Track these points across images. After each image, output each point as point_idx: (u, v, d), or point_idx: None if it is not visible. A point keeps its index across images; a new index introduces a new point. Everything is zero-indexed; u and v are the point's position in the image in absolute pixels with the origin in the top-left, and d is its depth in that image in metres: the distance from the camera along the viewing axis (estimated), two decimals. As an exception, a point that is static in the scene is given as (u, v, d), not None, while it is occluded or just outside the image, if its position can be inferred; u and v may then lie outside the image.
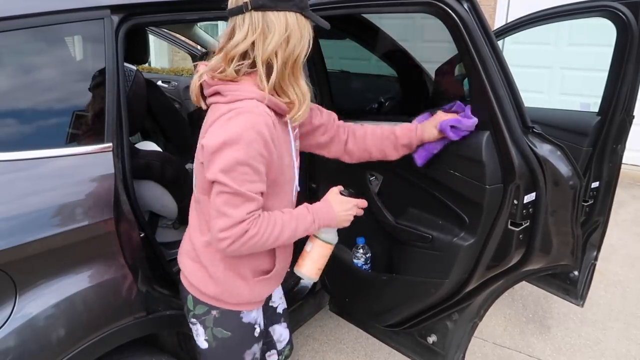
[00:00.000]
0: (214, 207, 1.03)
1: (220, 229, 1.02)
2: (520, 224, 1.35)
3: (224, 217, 1.02)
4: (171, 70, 6.03)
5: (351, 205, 1.22)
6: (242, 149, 0.99)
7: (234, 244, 1.03)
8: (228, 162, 0.99)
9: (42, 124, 1.26)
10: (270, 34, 1.01)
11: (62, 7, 1.25)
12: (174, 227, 2.04)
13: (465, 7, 1.24)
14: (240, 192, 1.01)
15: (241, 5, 1.01)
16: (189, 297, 1.23)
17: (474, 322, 1.66)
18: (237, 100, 1.03)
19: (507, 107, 1.27)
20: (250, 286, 1.20)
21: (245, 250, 1.06)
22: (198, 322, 1.24)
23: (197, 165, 1.12)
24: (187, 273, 1.22)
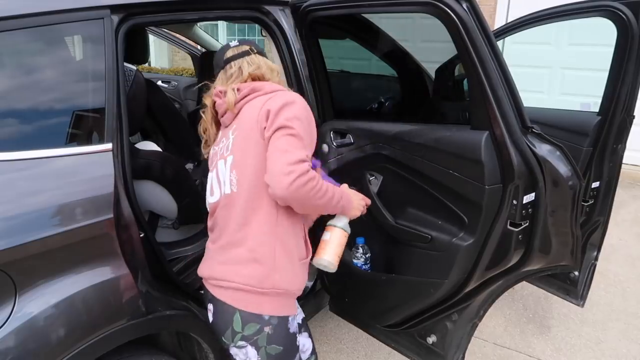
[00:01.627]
0: (277, 148, 1.14)
1: (288, 162, 1.10)
2: (519, 224, 1.35)
3: (289, 153, 1.12)
4: (171, 70, 6.04)
5: (361, 198, 1.39)
6: (301, 109, 1.21)
7: (298, 179, 1.09)
8: (292, 113, 1.17)
9: (42, 124, 1.26)
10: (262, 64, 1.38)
11: (62, 7, 1.25)
12: (174, 227, 2.04)
13: (464, 7, 1.24)
14: (301, 135, 1.15)
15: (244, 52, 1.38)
16: (236, 317, 1.19)
17: (474, 322, 1.65)
18: (272, 90, 1.27)
19: (506, 107, 1.27)
20: (296, 271, 1.24)
21: (303, 192, 1.10)
22: (249, 344, 1.19)
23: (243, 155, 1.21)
24: (236, 277, 1.20)
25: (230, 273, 1.21)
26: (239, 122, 1.27)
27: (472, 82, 1.33)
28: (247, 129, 1.23)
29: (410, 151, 1.53)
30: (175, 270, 1.68)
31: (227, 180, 1.24)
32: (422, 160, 1.49)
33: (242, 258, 1.20)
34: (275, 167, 1.12)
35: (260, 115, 1.19)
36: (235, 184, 1.22)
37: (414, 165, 1.53)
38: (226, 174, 1.24)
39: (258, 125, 1.20)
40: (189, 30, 3.19)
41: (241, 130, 1.25)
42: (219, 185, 1.27)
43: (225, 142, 1.29)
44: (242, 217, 1.20)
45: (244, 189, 1.20)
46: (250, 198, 1.20)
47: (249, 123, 1.23)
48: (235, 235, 1.22)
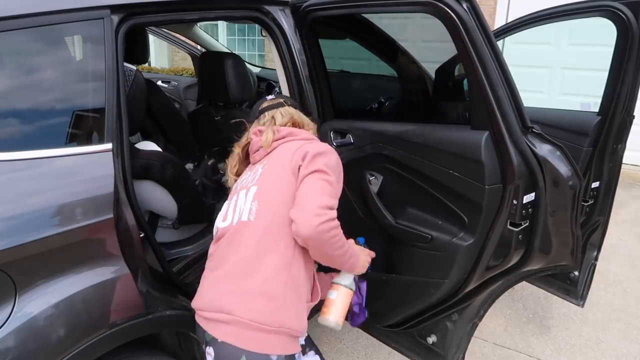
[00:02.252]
0: (312, 189, 1.16)
1: (320, 205, 1.12)
2: (519, 224, 1.35)
3: (322, 197, 1.14)
4: (171, 70, 6.04)
5: (367, 254, 1.41)
6: (336, 160, 1.27)
7: (326, 224, 1.10)
8: (328, 162, 1.22)
9: (42, 124, 1.26)
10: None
11: (62, 7, 1.25)
12: (174, 227, 2.03)
13: (464, 7, 1.24)
14: (335, 184, 1.19)
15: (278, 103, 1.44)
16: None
17: (474, 322, 1.65)
18: (307, 138, 1.34)
19: (506, 107, 1.27)
20: (302, 312, 1.20)
21: (327, 238, 1.12)
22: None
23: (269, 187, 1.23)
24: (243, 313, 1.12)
25: (236, 305, 1.13)
26: (270, 159, 1.31)
27: (472, 82, 1.33)
28: (279, 165, 1.26)
29: (410, 151, 1.53)
30: (175, 270, 1.68)
31: (245, 208, 1.22)
32: (422, 160, 1.49)
33: (251, 290, 1.14)
34: (308, 205, 1.12)
35: (297, 154, 1.24)
36: (254, 213, 1.20)
37: (414, 165, 1.53)
38: (246, 203, 1.23)
39: (292, 163, 1.22)
40: (189, 30, 3.19)
41: (272, 166, 1.28)
42: (233, 212, 1.26)
43: (252, 175, 1.31)
44: (257, 248, 1.17)
45: (264, 220, 1.19)
46: (270, 231, 1.18)
47: (282, 160, 1.27)
48: (246, 265, 1.16)
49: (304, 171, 1.19)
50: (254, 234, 1.18)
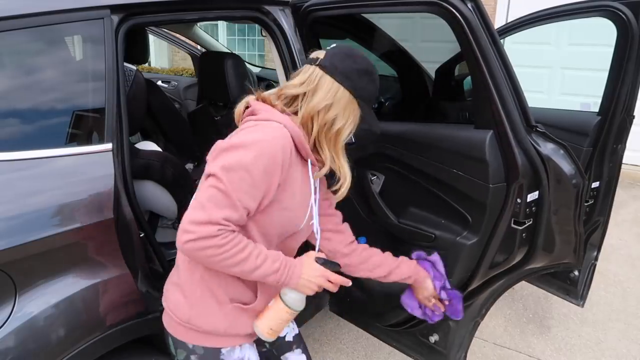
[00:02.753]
0: (198, 198, 1.00)
1: (191, 220, 0.97)
2: (523, 222, 1.35)
3: (201, 210, 0.97)
4: (171, 70, 6.04)
5: (319, 274, 1.13)
6: (250, 155, 0.99)
7: (195, 242, 0.96)
8: (231, 161, 0.99)
9: (42, 124, 1.26)
10: (317, 93, 1.07)
11: (62, 7, 1.25)
12: (174, 227, 2.03)
13: (469, 7, 1.24)
14: (229, 194, 0.97)
15: (314, 58, 1.10)
16: (170, 340, 1.17)
17: (476, 321, 1.65)
18: (266, 119, 1.06)
19: (510, 106, 1.27)
20: (225, 313, 1.12)
21: (201, 256, 0.98)
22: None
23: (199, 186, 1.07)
24: (166, 300, 1.16)
25: (166, 292, 1.19)
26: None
27: (477, 82, 1.33)
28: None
29: (413, 150, 1.53)
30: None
31: None
32: (425, 160, 1.49)
33: (173, 281, 1.17)
34: (183, 218, 0.99)
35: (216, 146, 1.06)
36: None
37: (416, 164, 1.52)
38: None
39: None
40: (189, 30, 3.19)
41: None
42: None
43: None
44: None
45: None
46: None
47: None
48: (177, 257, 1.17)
49: (206, 169, 1.04)
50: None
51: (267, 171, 1.00)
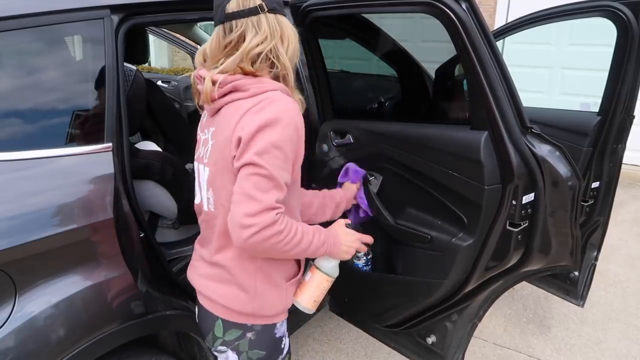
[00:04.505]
0: (241, 191, 0.96)
1: (247, 213, 0.94)
2: (518, 224, 1.35)
3: (252, 201, 0.94)
4: (171, 70, 6.04)
5: (355, 238, 1.22)
6: (277, 132, 0.97)
7: (258, 234, 0.94)
8: (263, 145, 0.97)
9: (42, 124, 1.26)
10: (287, 37, 1.06)
11: (62, 7, 1.25)
12: (174, 227, 2.04)
13: (463, 7, 1.24)
14: (273, 175, 0.96)
15: (254, 7, 1.03)
16: (218, 323, 1.15)
17: (474, 322, 1.66)
18: (261, 92, 1.02)
19: (505, 107, 1.27)
20: (282, 293, 1.16)
21: (265, 247, 0.97)
22: (229, 349, 1.15)
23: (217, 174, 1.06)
24: (217, 297, 1.14)
25: (211, 290, 1.15)
26: (218, 125, 1.08)
27: (472, 82, 1.33)
28: (223, 146, 1.04)
29: (410, 151, 1.53)
30: (175, 270, 1.68)
31: (205, 194, 1.13)
32: (422, 160, 1.49)
33: (224, 279, 1.13)
34: (235, 215, 0.96)
35: (234, 137, 1.00)
36: (213, 204, 1.10)
37: (413, 165, 1.53)
38: (204, 187, 1.13)
39: (230, 149, 1.02)
40: (189, 30, 3.19)
41: (218, 142, 1.06)
42: (199, 189, 1.17)
43: (206, 142, 1.12)
44: (220, 241, 1.10)
45: (220, 212, 1.08)
46: (223, 224, 1.07)
47: (225, 139, 1.04)
48: (215, 256, 1.13)
49: (236, 164, 0.99)
50: (217, 227, 1.12)
51: (293, 141, 1.01)
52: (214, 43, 1.07)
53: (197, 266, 1.23)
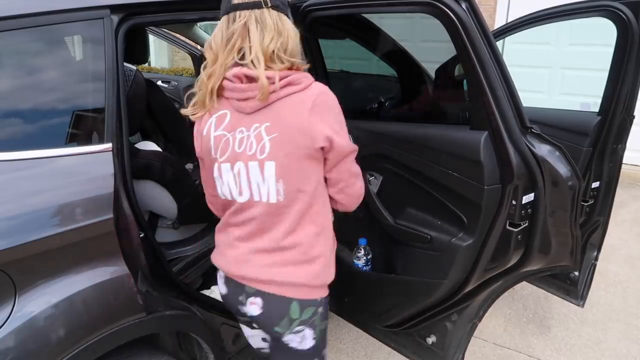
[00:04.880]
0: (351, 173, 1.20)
1: (362, 186, 1.24)
2: (518, 224, 1.35)
3: (360, 178, 1.24)
4: (171, 70, 6.04)
5: None
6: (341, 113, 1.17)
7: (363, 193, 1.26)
8: (345, 130, 1.18)
9: (42, 124, 1.26)
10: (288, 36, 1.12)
11: (61, 7, 1.25)
12: (174, 227, 2.03)
13: (463, 7, 1.24)
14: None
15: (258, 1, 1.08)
16: (293, 305, 1.17)
17: (473, 322, 1.66)
18: (310, 84, 1.11)
19: (505, 108, 1.27)
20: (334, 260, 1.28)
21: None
22: (306, 326, 1.20)
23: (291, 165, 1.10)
24: (292, 278, 1.16)
25: (283, 274, 1.17)
26: (274, 120, 1.09)
27: (471, 82, 1.33)
28: (292, 138, 1.09)
29: (410, 151, 1.53)
30: (175, 270, 1.68)
31: (270, 188, 1.12)
32: (422, 160, 1.49)
33: (297, 260, 1.16)
34: (356, 191, 1.23)
35: (316, 131, 1.07)
36: (283, 194, 1.12)
37: (413, 165, 1.53)
38: (269, 182, 1.12)
39: (311, 142, 1.08)
40: (189, 30, 3.19)
41: (283, 135, 1.09)
42: (249, 186, 1.14)
43: (250, 139, 1.11)
44: (292, 225, 1.15)
45: (296, 198, 1.13)
46: (302, 208, 1.14)
47: (292, 130, 1.08)
48: (285, 240, 1.16)
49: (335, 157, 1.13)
50: (289, 214, 1.15)
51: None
52: (217, 35, 1.11)
53: (254, 259, 1.18)
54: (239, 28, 1.07)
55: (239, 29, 1.07)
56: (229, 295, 1.26)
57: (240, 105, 1.11)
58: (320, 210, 1.18)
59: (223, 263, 1.24)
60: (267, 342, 1.34)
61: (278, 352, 1.27)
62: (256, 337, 1.35)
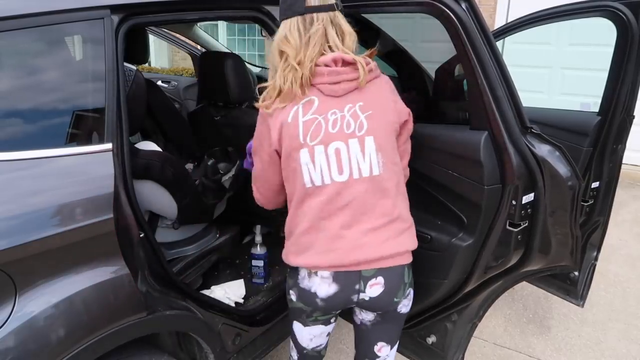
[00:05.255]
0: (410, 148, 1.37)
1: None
2: (518, 224, 1.35)
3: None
4: (171, 70, 6.04)
5: None
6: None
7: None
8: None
9: (41, 124, 1.26)
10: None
11: (62, 7, 1.25)
12: (174, 227, 2.03)
13: (463, 7, 1.24)
14: None
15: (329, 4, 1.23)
16: (405, 271, 1.28)
17: (473, 322, 1.66)
18: (381, 73, 1.29)
19: (505, 108, 1.27)
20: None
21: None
22: (411, 288, 1.33)
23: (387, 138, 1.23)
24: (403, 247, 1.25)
25: (398, 245, 1.24)
26: (365, 100, 1.20)
27: (471, 82, 1.33)
28: (384, 114, 1.23)
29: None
30: (175, 270, 1.68)
31: (372, 161, 1.20)
32: (422, 160, 1.49)
33: (403, 228, 1.26)
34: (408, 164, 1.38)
35: (399, 107, 1.27)
36: (382, 166, 1.21)
37: (413, 165, 1.53)
38: (370, 155, 1.20)
39: (398, 116, 1.26)
40: (189, 30, 3.19)
41: (377, 112, 1.21)
42: (349, 163, 1.19)
43: (346, 119, 1.19)
44: (394, 196, 1.24)
45: (391, 170, 1.24)
46: (398, 180, 1.27)
47: (383, 107, 1.23)
48: (394, 212, 1.24)
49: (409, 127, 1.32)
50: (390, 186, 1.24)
51: None
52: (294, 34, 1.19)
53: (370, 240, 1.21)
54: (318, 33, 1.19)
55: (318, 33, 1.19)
56: (340, 292, 1.24)
57: (333, 88, 1.19)
58: (403, 181, 1.31)
59: (330, 259, 1.21)
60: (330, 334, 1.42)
61: (382, 324, 1.35)
62: (324, 333, 1.40)
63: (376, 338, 1.38)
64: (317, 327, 1.37)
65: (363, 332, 1.40)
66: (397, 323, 1.38)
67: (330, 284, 1.23)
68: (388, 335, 1.38)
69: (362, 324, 1.39)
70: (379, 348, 1.39)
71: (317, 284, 1.23)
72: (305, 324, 1.35)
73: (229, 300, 1.86)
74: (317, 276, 1.23)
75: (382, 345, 1.39)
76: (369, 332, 1.38)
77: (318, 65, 1.18)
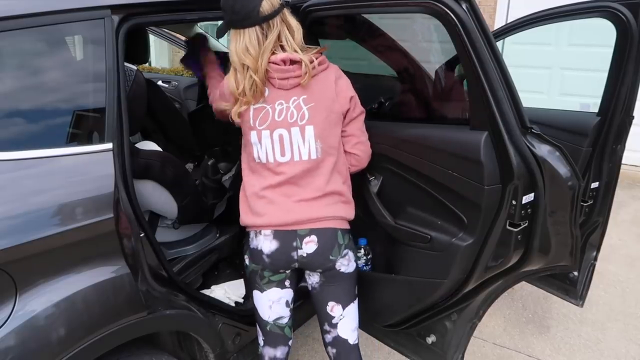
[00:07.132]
0: (361, 130, 1.50)
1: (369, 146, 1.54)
2: (518, 224, 1.35)
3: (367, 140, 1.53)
4: (171, 70, 6.03)
5: None
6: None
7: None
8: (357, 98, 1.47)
9: (42, 123, 1.26)
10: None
11: (62, 7, 1.25)
12: (174, 227, 2.03)
13: (463, 8, 1.24)
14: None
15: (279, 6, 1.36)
16: (339, 234, 1.43)
17: (473, 322, 1.66)
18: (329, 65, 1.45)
19: (505, 108, 1.27)
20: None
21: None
22: (349, 250, 1.48)
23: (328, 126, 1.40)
24: (337, 213, 1.43)
25: (330, 211, 1.42)
26: (309, 93, 1.38)
27: (472, 83, 1.33)
28: (326, 106, 1.39)
29: (410, 151, 1.53)
30: (175, 270, 1.68)
31: (310, 147, 1.39)
32: (422, 160, 1.49)
33: (336, 201, 1.44)
34: (367, 146, 1.53)
35: (341, 96, 1.41)
36: (320, 152, 1.39)
37: (413, 165, 1.53)
38: (309, 142, 1.38)
39: (340, 106, 1.41)
40: (189, 30, 3.19)
41: (318, 104, 1.38)
42: (290, 148, 1.39)
43: (290, 110, 1.38)
44: (330, 175, 1.42)
45: (329, 154, 1.41)
46: (335, 162, 1.43)
47: (325, 99, 1.39)
48: (327, 187, 1.41)
49: (352, 114, 1.45)
50: (326, 168, 1.41)
51: None
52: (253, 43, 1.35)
53: (303, 207, 1.40)
54: (274, 37, 1.34)
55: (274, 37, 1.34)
56: (280, 248, 1.41)
57: (282, 83, 1.37)
58: (343, 162, 1.48)
59: (269, 219, 1.40)
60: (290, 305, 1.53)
61: (328, 285, 1.49)
62: (282, 299, 1.51)
63: (325, 299, 1.51)
64: (273, 290, 1.49)
65: (314, 296, 1.54)
66: (343, 283, 1.49)
67: (271, 241, 1.41)
68: (335, 294, 1.50)
69: (313, 288, 1.53)
70: (331, 308, 1.51)
71: (261, 242, 1.42)
72: (262, 288, 1.49)
73: (229, 299, 1.86)
74: (261, 235, 1.42)
75: (333, 305, 1.51)
76: (318, 295, 1.52)
77: (270, 62, 1.35)
